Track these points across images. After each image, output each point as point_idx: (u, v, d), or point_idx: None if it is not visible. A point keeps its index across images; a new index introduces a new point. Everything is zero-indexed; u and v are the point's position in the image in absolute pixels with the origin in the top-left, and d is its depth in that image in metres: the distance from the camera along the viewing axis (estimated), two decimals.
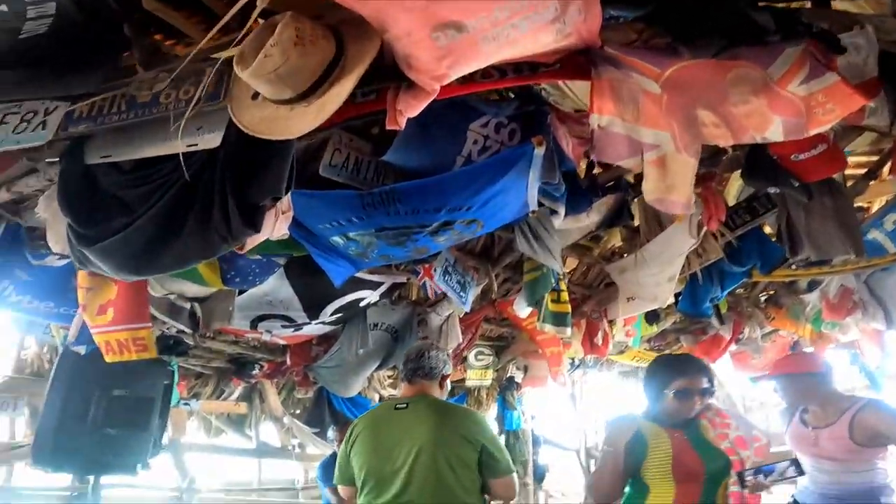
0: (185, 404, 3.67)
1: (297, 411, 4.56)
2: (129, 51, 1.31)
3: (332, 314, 2.59)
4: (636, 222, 2.64)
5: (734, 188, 2.70)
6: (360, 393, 4.50)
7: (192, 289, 2.23)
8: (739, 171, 2.25)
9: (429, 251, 2.02)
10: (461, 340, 3.33)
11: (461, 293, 2.72)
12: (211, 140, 1.18)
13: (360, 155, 1.67)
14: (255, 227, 1.25)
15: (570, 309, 2.92)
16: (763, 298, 4.47)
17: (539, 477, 5.30)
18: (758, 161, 1.94)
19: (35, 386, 3.07)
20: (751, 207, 2.56)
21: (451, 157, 1.59)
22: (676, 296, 3.23)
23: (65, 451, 2.14)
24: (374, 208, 1.62)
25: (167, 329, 3.03)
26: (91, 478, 2.87)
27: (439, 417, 1.95)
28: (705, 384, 1.79)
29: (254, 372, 3.67)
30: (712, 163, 2.16)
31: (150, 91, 1.22)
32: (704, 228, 2.36)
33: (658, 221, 2.56)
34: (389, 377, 4.32)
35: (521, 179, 1.59)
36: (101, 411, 2.13)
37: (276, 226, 1.37)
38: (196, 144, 1.18)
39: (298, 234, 1.76)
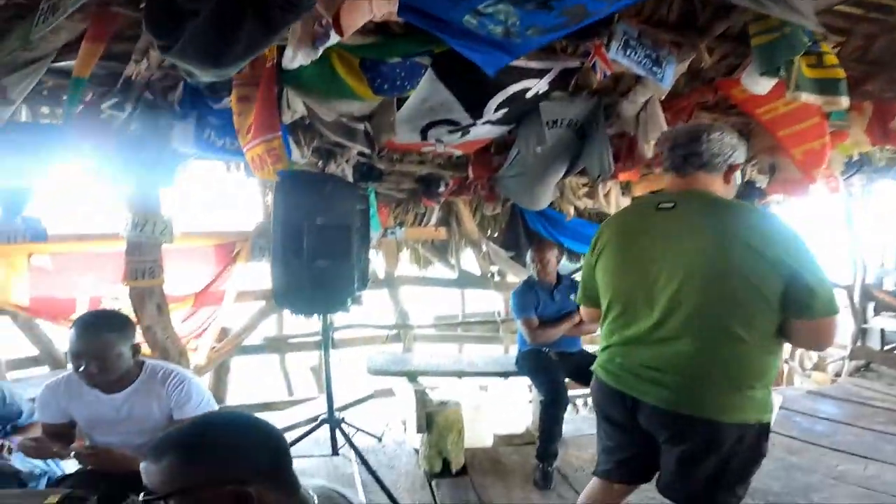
0: (392, 233, 4.29)
1: (495, 234, 4.93)
2: None
3: (496, 110, 2.57)
4: None
5: None
6: (553, 207, 4.60)
7: (355, 106, 2.46)
8: None
9: (588, 13, 1.78)
10: (666, 129, 2.97)
11: (654, 68, 2.36)
12: None
13: None
14: None
15: (842, 75, 2.29)
16: None
17: None
18: None
19: None
20: None
21: None
22: None
23: (292, 289, 2.53)
24: None
25: (361, 158, 3.51)
26: (319, 317, 3.59)
27: (725, 222, 1.52)
28: None
29: (440, 189, 3.99)
30: None
31: None
32: None
33: None
34: (584, 185, 4.24)
35: None
36: (311, 242, 2.43)
37: (373, 5, 1.37)
38: None
39: (427, 25, 1.73)
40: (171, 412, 1.97)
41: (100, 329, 1.86)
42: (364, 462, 2.91)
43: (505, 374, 3.80)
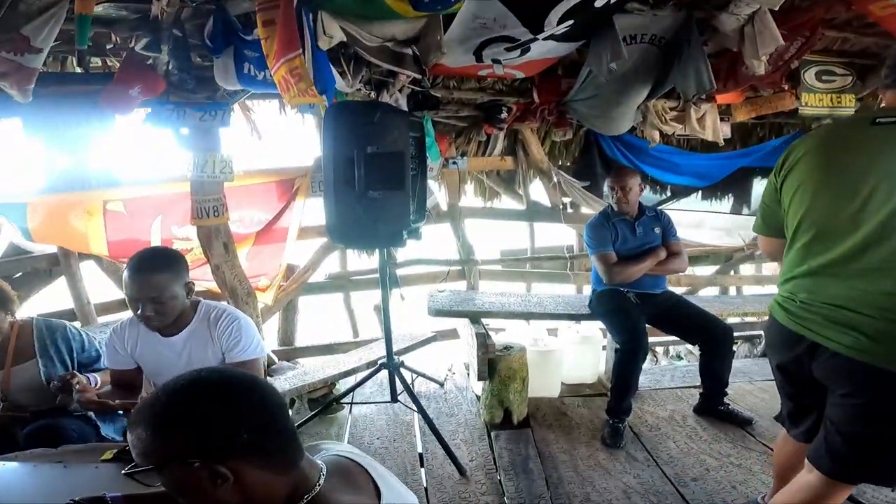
0: (454, 164, 4.12)
1: (568, 163, 4.61)
2: None
3: (559, 23, 2.28)
4: None
5: None
6: (635, 133, 4.24)
7: (398, 28, 2.27)
8: None
9: None
10: (782, 43, 2.56)
11: None
12: None
13: None
14: None
15: None
16: None
17: None
18: None
19: None
20: None
21: None
22: None
23: (345, 223, 2.47)
24: None
25: (414, 87, 3.33)
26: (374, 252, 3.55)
27: None
28: None
29: (502, 115, 3.72)
30: None
31: None
32: None
33: None
34: (672, 108, 3.82)
35: None
36: (363, 172, 2.37)
37: None
38: None
39: None
40: (223, 356, 1.97)
41: (151, 269, 1.84)
42: (421, 411, 2.89)
43: (577, 317, 3.60)
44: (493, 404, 3.22)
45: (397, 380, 3.02)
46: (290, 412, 3.44)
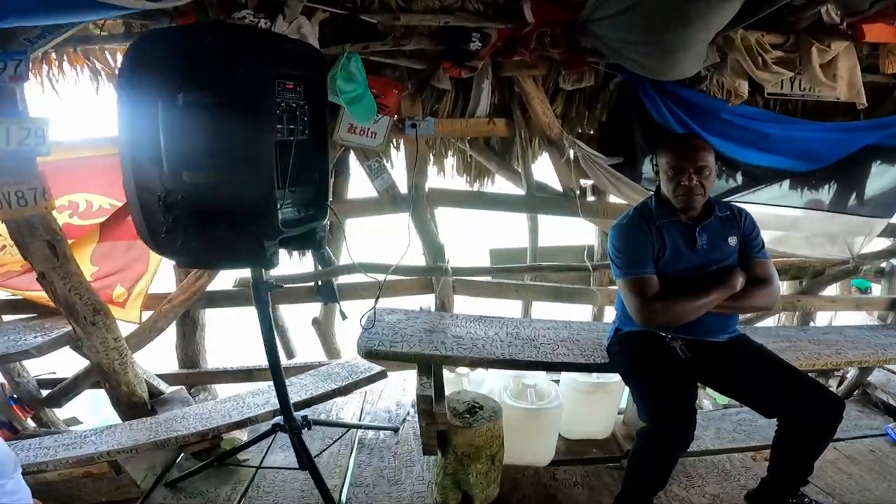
0: (412, 127, 2.95)
1: (591, 130, 3.32)
2: None
3: None
4: None
5: None
6: (698, 87, 2.97)
7: None
8: None
9: None
10: None
11: None
12: None
13: None
14: None
15: None
16: None
17: None
18: None
19: None
20: None
21: None
22: None
23: (155, 226, 1.64)
24: None
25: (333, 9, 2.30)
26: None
27: None
28: None
29: (473, 46, 2.53)
30: None
31: None
32: None
33: None
34: (777, 46, 2.60)
35: None
36: (172, 139, 1.49)
37: None
38: None
39: None
40: None
41: None
42: (325, 494, 2.25)
43: (586, 368, 2.56)
44: (447, 484, 2.39)
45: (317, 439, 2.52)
46: (178, 460, 2.76)
